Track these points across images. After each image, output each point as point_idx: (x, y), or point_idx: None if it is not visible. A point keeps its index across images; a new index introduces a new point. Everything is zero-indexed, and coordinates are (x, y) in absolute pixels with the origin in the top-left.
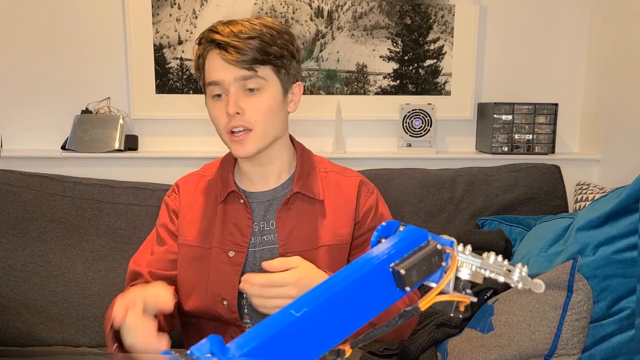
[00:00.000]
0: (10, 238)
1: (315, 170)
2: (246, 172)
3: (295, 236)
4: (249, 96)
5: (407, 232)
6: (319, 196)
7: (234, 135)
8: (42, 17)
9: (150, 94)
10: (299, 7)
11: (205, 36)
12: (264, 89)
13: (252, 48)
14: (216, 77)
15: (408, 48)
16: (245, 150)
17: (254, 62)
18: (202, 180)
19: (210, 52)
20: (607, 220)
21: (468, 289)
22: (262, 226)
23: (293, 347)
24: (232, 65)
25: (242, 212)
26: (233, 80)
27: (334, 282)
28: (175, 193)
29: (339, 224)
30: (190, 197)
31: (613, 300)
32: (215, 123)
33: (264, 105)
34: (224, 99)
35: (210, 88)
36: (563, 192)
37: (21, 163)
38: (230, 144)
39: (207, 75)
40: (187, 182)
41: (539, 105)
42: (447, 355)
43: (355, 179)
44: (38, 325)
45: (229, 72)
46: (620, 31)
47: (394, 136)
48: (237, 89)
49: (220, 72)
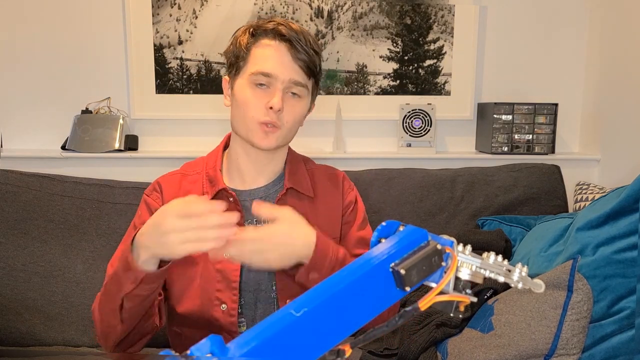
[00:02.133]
0: (10, 238)
1: (302, 168)
2: (241, 168)
3: None
4: (290, 99)
5: (407, 232)
6: (309, 192)
7: (265, 126)
8: (42, 17)
9: (150, 94)
10: (299, 7)
11: (269, 26)
12: (303, 97)
13: (314, 57)
14: (273, 70)
15: (408, 48)
16: (269, 142)
17: (311, 70)
18: (184, 179)
19: (271, 42)
20: (607, 220)
21: (468, 289)
22: (256, 224)
23: (293, 347)
24: (295, 65)
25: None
26: (288, 79)
27: (334, 282)
28: (157, 192)
29: (330, 221)
30: (174, 196)
31: (613, 300)
32: (247, 109)
33: (299, 111)
34: (267, 90)
35: (257, 76)
36: (563, 192)
37: (21, 163)
38: (257, 132)
39: (262, 64)
40: (169, 181)
41: (539, 105)
42: (447, 355)
43: (339, 173)
44: (38, 325)
45: (290, 70)
46: (621, 31)
47: (394, 136)
48: (285, 88)
49: (281, 67)
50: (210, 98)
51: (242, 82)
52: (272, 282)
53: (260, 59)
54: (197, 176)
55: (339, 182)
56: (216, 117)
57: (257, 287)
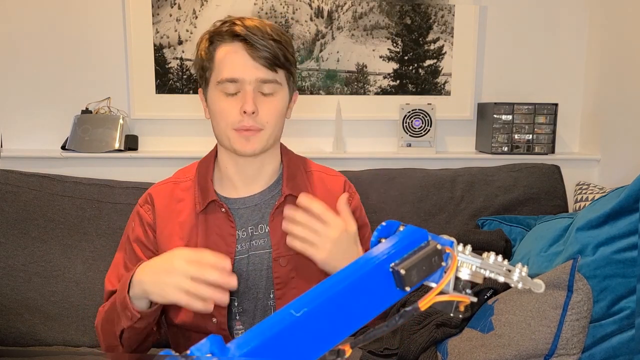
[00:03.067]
0: (10, 238)
1: (300, 171)
2: (231, 177)
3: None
4: (264, 98)
5: (407, 232)
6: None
7: (242, 131)
8: (42, 17)
9: (150, 94)
10: (299, 7)
11: (224, 29)
12: (277, 92)
13: (276, 49)
14: (236, 74)
15: (408, 48)
16: (252, 147)
17: (276, 64)
18: (176, 187)
19: (229, 45)
20: (607, 220)
21: (468, 289)
22: (251, 231)
23: (293, 347)
24: (257, 63)
25: (225, 221)
26: (254, 79)
27: (334, 282)
28: (149, 204)
29: None
30: (166, 207)
31: (613, 300)
32: (222, 118)
33: (277, 108)
34: (238, 95)
35: (224, 85)
36: (563, 192)
37: (21, 163)
38: (236, 140)
39: (224, 70)
40: (161, 192)
41: (539, 105)
42: (447, 355)
43: (340, 178)
44: (38, 325)
45: (253, 70)
46: (620, 31)
47: (394, 136)
48: (255, 89)
49: (243, 69)
50: None
51: (213, 92)
52: (270, 290)
53: (222, 65)
54: (189, 183)
55: (341, 188)
56: None
57: (255, 295)
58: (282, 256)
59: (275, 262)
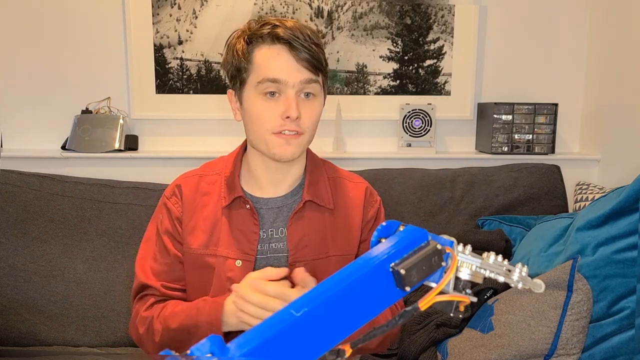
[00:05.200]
0: (10, 238)
1: (323, 177)
2: (258, 177)
3: (304, 244)
4: (305, 101)
5: (407, 232)
6: (329, 204)
7: (283, 135)
8: (43, 17)
9: (150, 94)
10: (299, 7)
11: (264, 31)
12: (317, 96)
13: (318, 53)
14: (280, 75)
15: (408, 48)
16: (292, 151)
17: (318, 68)
18: (201, 180)
19: (270, 47)
20: (607, 220)
21: (468, 289)
22: (271, 233)
23: (293, 347)
24: (302, 67)
25: (249, 218)
26: (299, 82)
27: (334, 282)
28: (177, 197)
29: (348, 235)
30: (192, 200)
31: (613, 300)
32: (261, 122)
33: (317, 113)
34: (279, 98)
35: (265, 85)
36: (563, 192)
37: (21, 163)
38: (275, 144)
39: (267, 71)
40: (188, 184)
41: (539, 105)
42: (447, 355)
43: (362, 185)
44: (38, 325)
45: (296, 73)
46: (620, 31)
47: (394, 136)
48: (297, 92)
49: (287, 72)
50: (211, 98)
51: (250, 94)
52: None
53: (263, 66)
54: (216, 177)
55: (362, 195)
56: (216, 117)
57: None
58: (299, 261)
59: (292, 267)
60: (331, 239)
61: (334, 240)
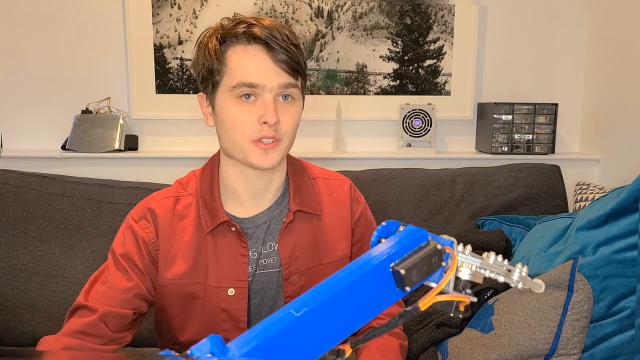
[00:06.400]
0: (10, 238)
1: (306, 182)
2: (238, 192)
3: (297, 255)
4: (284, 104)
5: (407, 232)
6: (316, 210)
7: (261, 143)
8: (43, 17)
9: (150, 94)
10: (299, 7)
11: (239, 30)
12: (297, 100)
13: (297, 54)
14: (257, 79)
15: (408, 48)
16: (271, 160)
17: (297, 70)
18: (177, 204)
19: (246, 47)
20: (607, 220)
21: (468, 289)
22: (260, 250)
23: (293, 347)
24: (280, 69)
25: (236, 242)
26: (277, 86)
27: (334, 282)
28: (148, 222)
29: (339, 238)
30: (169, 226)
31: (613, 300)
32: (237, 129)
33: (296, 117)
34: (255, 102)
35: (240, 89)
36: (563, 192)
37: (21, 163)
38: (253, 152)
39: (242, 74)
40: (163, 207)
41: (539, 105)
42: (447, 355)
43: (345, 182)
44: (38, 325)
45: (274, 76)
46: (620, 31)
47: (394, 136)
48: (275, 96)
49: (264, 75)
50: None
51: (223, 98)
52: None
53: (238, 69)
54: (191, 199)
55: (346, 194)
56: None
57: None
58: (294, 274)
59: (286, 281)
60: (323, 245)
61: (325, 245)
